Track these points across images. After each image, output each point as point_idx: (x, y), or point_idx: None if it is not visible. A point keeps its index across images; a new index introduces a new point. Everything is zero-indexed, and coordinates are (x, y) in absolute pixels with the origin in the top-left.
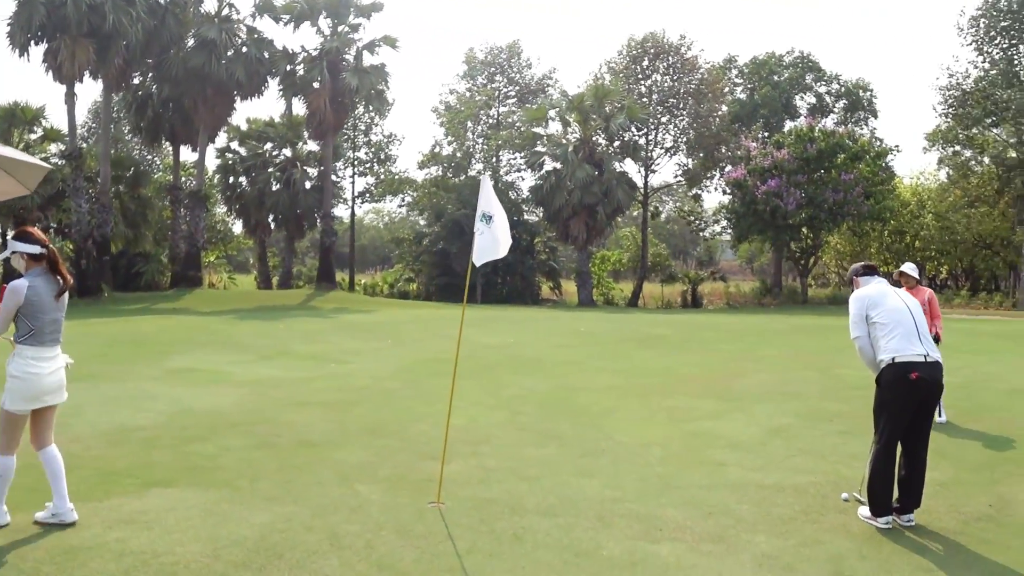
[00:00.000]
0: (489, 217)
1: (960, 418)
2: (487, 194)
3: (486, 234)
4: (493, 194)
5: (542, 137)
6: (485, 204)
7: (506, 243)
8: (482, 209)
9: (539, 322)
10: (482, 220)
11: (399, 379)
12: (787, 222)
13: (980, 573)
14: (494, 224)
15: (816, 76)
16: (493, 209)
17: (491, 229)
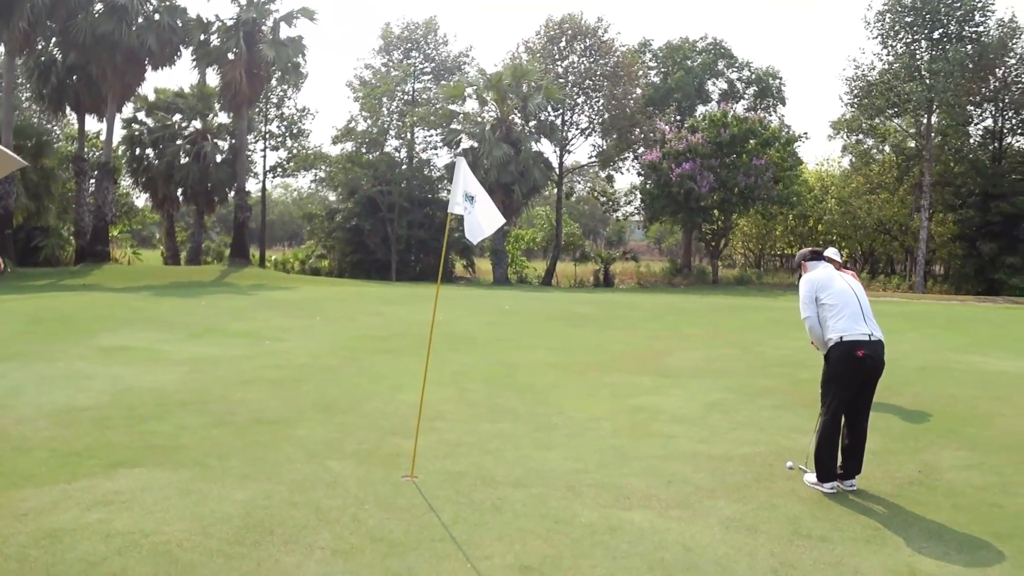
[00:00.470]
0: (471, 197)
1: (881, 394)
2: (465, 175)
3: (473, 214)
4: (471, 175)
5: (459, 115)
6: (465, 185)
7: (494, 220)
8: (463, 190)
9: (462, 300)
10: (465, 200)
11: (338, 356)
12: (699, 204)
13: (920, 531)
14: (477, 203)
15: (728, 62)
16: (473, 190)
17: (475, 209)
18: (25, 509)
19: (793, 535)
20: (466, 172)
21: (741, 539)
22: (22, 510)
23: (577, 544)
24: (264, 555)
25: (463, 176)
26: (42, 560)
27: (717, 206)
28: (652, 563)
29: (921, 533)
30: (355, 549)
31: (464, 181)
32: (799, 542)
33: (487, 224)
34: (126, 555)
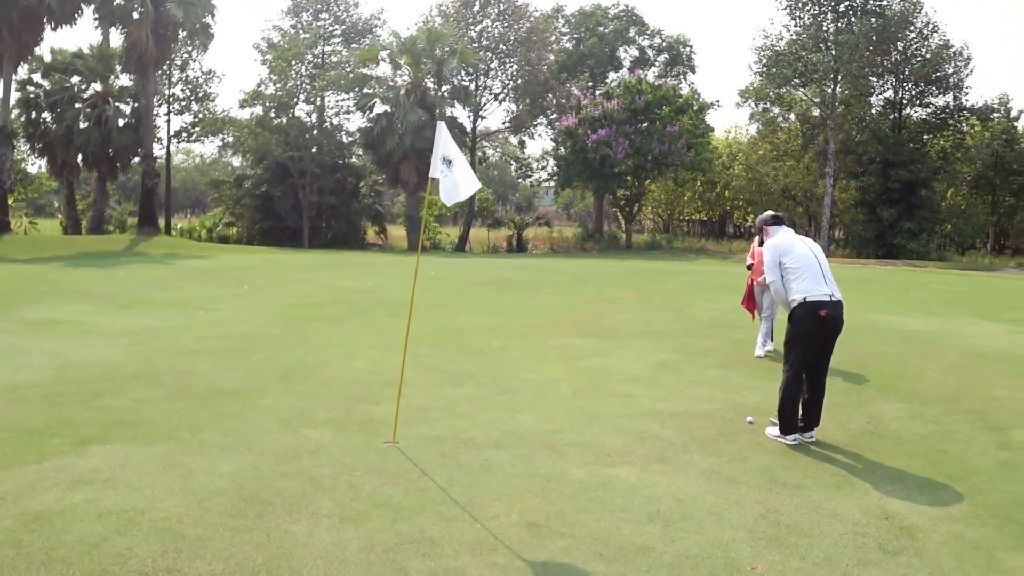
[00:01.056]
0: (449, 161)
1: None
2: (445, 139)
3: (449, 177)
4: (451, 140)
5: (372, 79)
6: (444, 149)
7: (470, 185)
8: (441, 153)
9: (386, 266)
10: (443, 163)
11: (278, 325)
12: (614, 170)
13: (882, 476)
14: (455, 168)
15: (639, 30)
16: (452, 154)
17: (452, 172)
18: (0, 493)
19: (770, 484)
20: (446, 137)
21: (724, 489)
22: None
23: (574, 500)
24: (271, 526)
25: (442, 141)
26: (38, 544)
27: (632, 172)
28: (650, 514)
29: (883, 478)
30: (361, 515)
31: (444, 145)
32: (777, 490)
33: (463, 188)
34: (127, 534)
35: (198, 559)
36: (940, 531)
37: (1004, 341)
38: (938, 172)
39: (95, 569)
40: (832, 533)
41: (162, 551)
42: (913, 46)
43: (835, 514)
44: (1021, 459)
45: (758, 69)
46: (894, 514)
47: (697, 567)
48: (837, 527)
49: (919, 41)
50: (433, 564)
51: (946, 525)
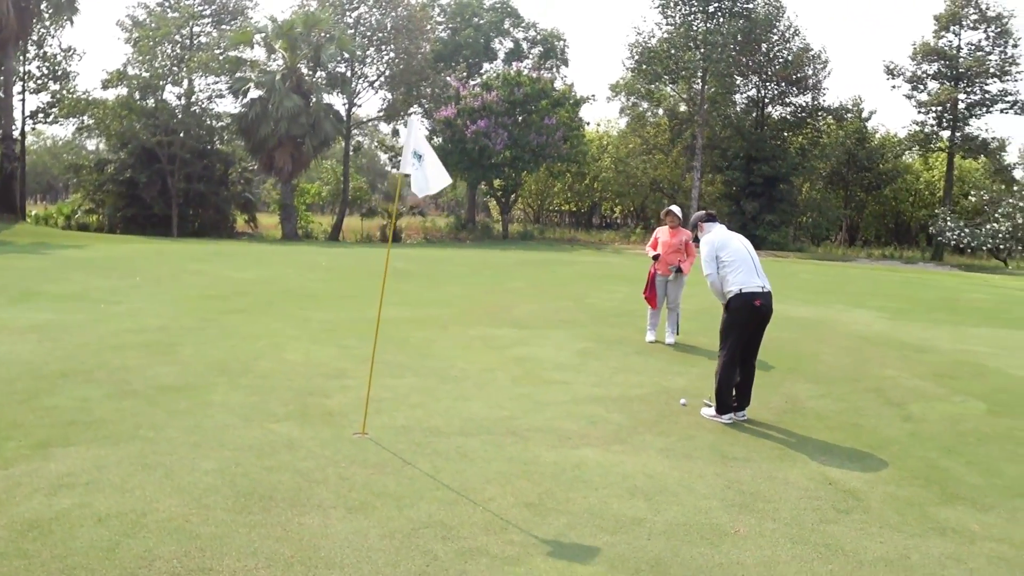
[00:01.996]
0: (420, 156)
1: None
2: (415, 135)
3: (420, 170)
4: (422, 135)
5: (246, 63)
6: (414, 144)
7: (441, 178)
8: (412, 148)
9: (273, 256)
10: (414, 157)
11: (190, 318)
12: (491, 161)
13: (814, 448)
14: (425, 161)
15: (514, 22)
16: (422, 149)
17: (423, 166)
18: None
19: (722, 458)
20: (416, 132)
21: (684, 465)
22: None
23: (557, 481)
24: (282, 520)
25: (413, 135)
26: (47, 553)
27: (509, 163)
28: (630, 489)
29: (815, 450)
30: (366, 505)
31: (415, 140)
32: (729, 463)
33: (434, 181)
34: (138, 537)
35: (225, 556)
36: (877, 492)
37: (879, 326)
38: (797, 168)
39: (122, 574)
40: (790, 498)
41: (183, 551)
42: (776, 48)
43: (786, 482)
44: (924, 430)
45: (631, 65)
46: (835, 480)
47: (689, 532)
48: (792, 492)
49: (781, 44)
50: (456, 545)
51: (880, 487)
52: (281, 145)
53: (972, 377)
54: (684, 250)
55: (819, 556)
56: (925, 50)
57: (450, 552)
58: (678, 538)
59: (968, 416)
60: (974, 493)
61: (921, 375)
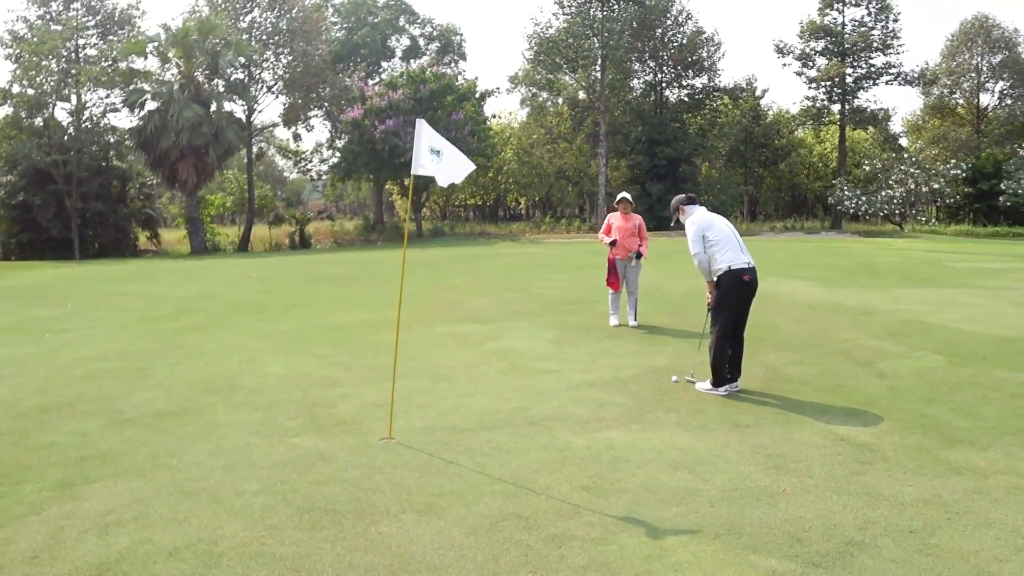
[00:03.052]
0: (438, 151)
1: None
2: (428, 133)
3: (441, 164)
4: (435, 133)
5: (139, 74)
6: (430, 142)
7: (464, 166)
8: (427, 147)
9: (200, 272)
10: (432, 154)
11: (146, 340)
12: (402, 160)
13: (813, 409)
14: (444, 156)
15: (409, 19)
16: (439, 144)
17: (443, 160)
18: (24, 552)
19: (736, 427)
20: (428, 131)
21: (706, 436)
22: (23, 553)
23: (600, 463)
24: (358, 531)
25: (424, 136)
26: None
27: None
28: (671, 463)
29: (814, 411)
30: (433, 507)
31: (428, 140)
32: (745, 431)
33: (458, 170)
34: (223, 567)
35: (323, 573)
36: (887, 443)
37: (816, 294)
38: (698, 148)
39: None
40: (814, 456)
41: (278, 573)
42: (670, 32)
43: (803, 442)
44: (900, 384)
45: (530, 56)
46: (845, 436)
47: (744, 496)
48: (813, 451)
49: (675, 28)
50: (541, 533)
51: (887, 438)
52: (184, 157)
53: (921, 334)
54: (639, 234)
55: (865, 503)
56: (812, 28)
57: (539, 540)
58: (737, 502)
59: (933, 369)
60: (968, 436)
61: (877, 335)
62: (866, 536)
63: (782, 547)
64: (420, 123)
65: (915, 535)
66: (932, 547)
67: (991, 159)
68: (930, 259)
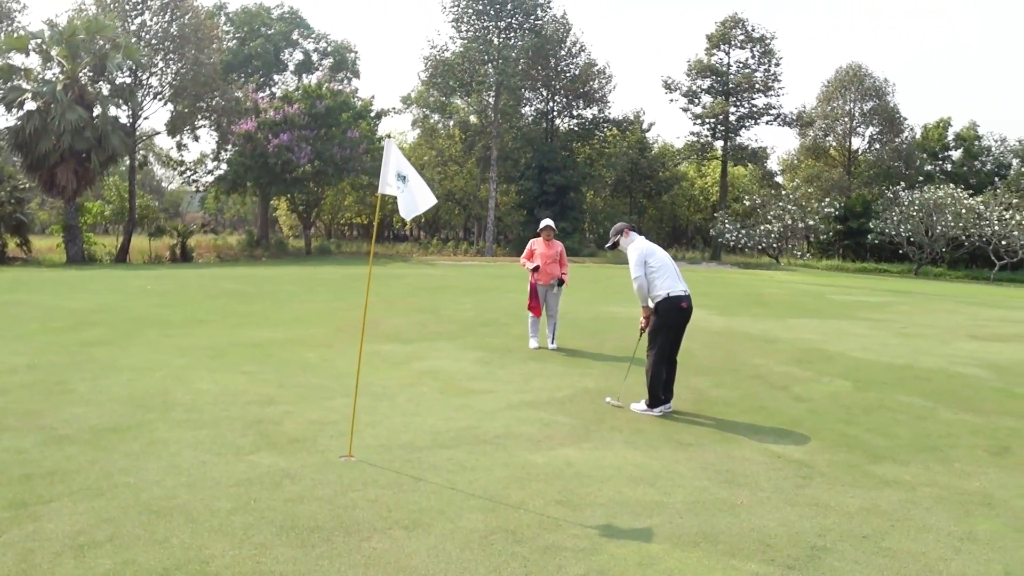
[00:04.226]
0: (404, 177)
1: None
2: (396, 157)
3: (406, 192)
4: (402, 156)
5: (19, 71)
6: (397, 166)
7: (427, 198)
8: (395, 170)
9: (87, 283)
10: (398, 179)
11: (52, 352)
12: (293, 175)
13: (744, 428)
14: (410, 183)
15: (304, 33)
16: (405, 170)
17: (408, 187)
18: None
19: (679, 445)
20: (396, 154)
21: (655, 453)
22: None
23: (564, 479)
24: (350, 547)
25: (393, 158)
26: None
27: (312, 177)
28: (631, 478)
29: (747, 431)
30: (417, 523)
31: (396, 162)
32: (688, 449)
33: (421, 202)
34: None
35: None
36: (819, 460)
37: (718, 322)
38: (585, 177)
39: None
40: (759, 472)
41: None
42: (563, 63)
43: (745, 459)
44: (817, 407)
45: (426, 78)
46: (780, 454)
47: (707, 507)
48: (757, 468)
49: (569, 59)
50: (532, 545)
51: (819, 455)
52: (64, 161)
53: (824, 361)
54: (560, 261)
55: (816, 513)
56: (699, 67)
57: (533, 552)
58: (703, 514)
59: (842, 393)
60: (889, 453)
61: (784, 362)
62: (827, 541)
63: (756, 553)
64: (389, 143)
65: (868, 540)
66: (885, 550)
67: (860, 199)
68: (811, 291)
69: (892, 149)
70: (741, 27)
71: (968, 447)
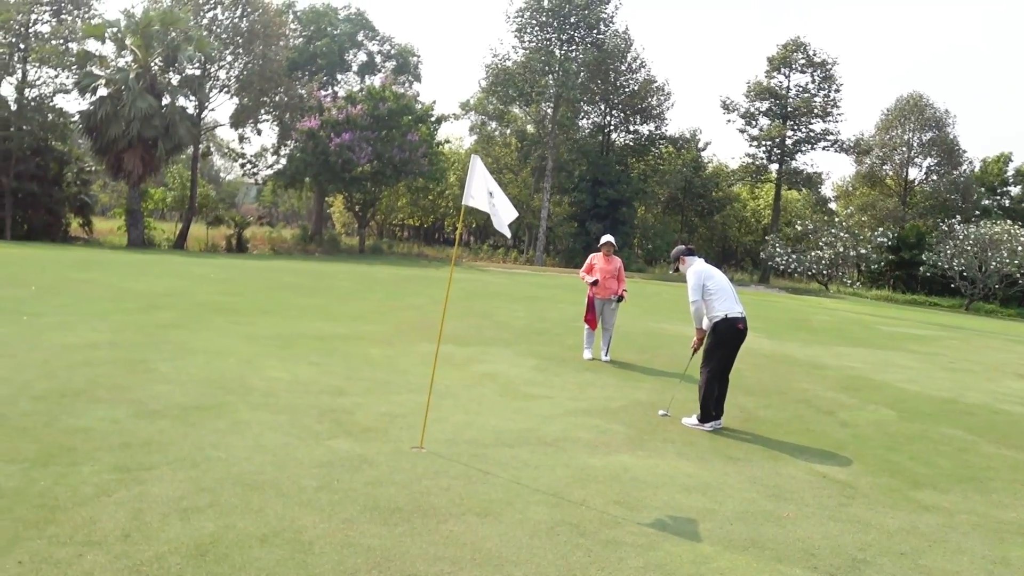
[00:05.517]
0: (491, 193)
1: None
2: (483, 173)
3: (495, 207)
4: (487, 173)
5: (94, 58)
6: (485, 182)
7: (510, 214)
8: (485, 187)
9: (151, 266)
10: (488, 195)
11: (130, 332)
12: (352, 174)
13: (791, 448)
14: (496, 198)
15: (369, 34)
16: (492, 186)
17: (496, 202)
18: (113, 530)
19: (729, 459)
20: (482, 169)
21: (706, 465)
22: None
23: (621, 482)
24: (429, 528)
25: (479, 173)
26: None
27: (370, 177)
28: (684, 487)
29: (793, 450)
30: (488, 511)
31: (484, 178)
32: (738, 463)
33: (506, 216)
34: (317, 553)
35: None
36: (862, 482)
37: (768, 346)
38: (638, 192)
39: None
40: (804, 488)
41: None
42: (623, 78)
43: (791, 476)
44: (861, 433)
45: (485, 85)
46: (825, 474)
47: (755, 517)
48: (803, 485)
49: (629, 74)
50: (595, 539)
51: (862, 478)
52: (131, 147)
53: (870, 390)
54: (618, 276)
55: (857, 529)
56: (758, 89)
57: (595, 544)
58: (750, 522)
59: (887, 421)
60: (929, 480)
61: (831, 388)
62: (867, 555)
63: (801, 560)
64: (475, 159)
65: (906, 557)
66: (922, 567)
67: (915, 230)
68: (860, 320)
69: (949, 181)
70: (803, 51)
71: (1007, 480)
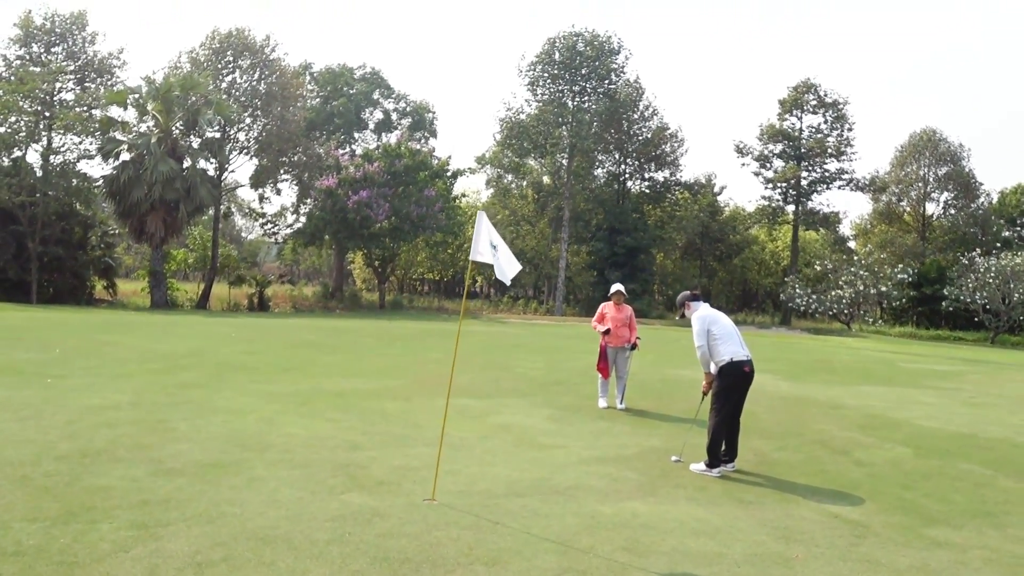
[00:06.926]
0: (495, 247)
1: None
2: (488, 227)
3: (498, 259)
4: (492, 227)
5: (117, 123)
6: (489, 236)
7: (513, 266)
8: (488, 240)
9: (173, 328)
10: (492, 248)
11: (152, 392)
12: (370, 231)
13: (804, 490)
14: (499, 251)
15: (384, 92)
16: (496, 240)
17: (499, 255)
18: None
19: (740, 503)
20: (487, 224)
21: (716, 510)
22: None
23: (630, 528)
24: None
25: (485, 228)
26: None
27: (388, 233)
28: (694, 531)
29: (805, 492)
30: (497, 560)
31: (488, 232)
32: (749, 507)
33: (508, 269)
34: None
35: None
36: (875, 521)
37: (785, 387)
38: (656, 239)
39: None
40: (815, 530)
41: None
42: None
43: (803, 518)
44: (876, 472)
45: (500, 138)
46: (837, 514)
47: (764, 560)
48: (814, 526)
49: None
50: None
51: (875, 517)
52: (154, 210)
53: (887, 428)
54: (630, 325)
55: (868, 569)
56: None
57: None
58: (759, 565)
59: (903, 459)
60: (944, 517)
61: (847, 428)
62: None
63: None
64: (481, 215)
65: None
66: None
67: (935, 265)
68: (882, 359)
69: (968, 215)
70: (814, 92)
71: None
